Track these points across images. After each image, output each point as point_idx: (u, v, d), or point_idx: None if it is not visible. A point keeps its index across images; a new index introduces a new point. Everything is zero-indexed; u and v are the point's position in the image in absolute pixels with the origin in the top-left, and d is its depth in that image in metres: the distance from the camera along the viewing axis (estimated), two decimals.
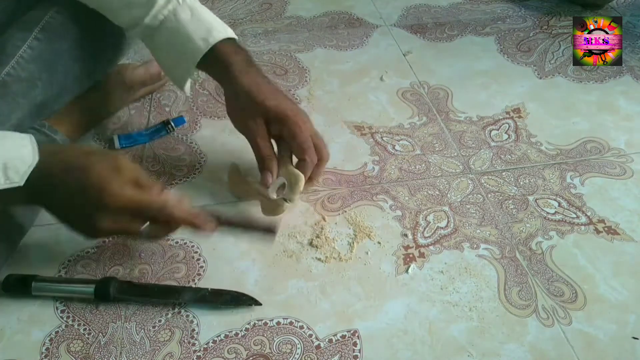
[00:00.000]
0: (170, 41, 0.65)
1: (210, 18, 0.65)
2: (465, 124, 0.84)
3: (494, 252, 0.65)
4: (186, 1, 0.64)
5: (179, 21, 0.64)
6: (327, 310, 0.59)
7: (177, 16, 0.64)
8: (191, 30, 0.63)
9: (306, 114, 0.66)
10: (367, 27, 1.07)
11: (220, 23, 0.65)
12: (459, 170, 0.76)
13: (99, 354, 0.55)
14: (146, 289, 0.60)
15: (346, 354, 0.55)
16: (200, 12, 0.65)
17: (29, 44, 0.65)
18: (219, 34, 0.64)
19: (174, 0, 0.64)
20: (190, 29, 0.63)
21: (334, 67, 0.96)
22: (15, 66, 0.64)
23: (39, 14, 0.67)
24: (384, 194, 0.72)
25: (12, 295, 0.60)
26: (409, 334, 0.57)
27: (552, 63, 0.97)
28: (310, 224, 0.68)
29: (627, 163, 0.77)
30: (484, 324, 0.58)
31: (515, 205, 0.71)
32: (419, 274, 0.63)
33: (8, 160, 0.50)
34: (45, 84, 0.67)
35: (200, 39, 0.63)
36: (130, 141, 0.80)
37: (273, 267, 0.63)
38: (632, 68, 0.96)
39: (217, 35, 0.64)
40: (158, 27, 0.64)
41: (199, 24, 0.64)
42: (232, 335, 0.57)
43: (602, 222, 0.69)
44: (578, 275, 0.62)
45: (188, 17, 0.63)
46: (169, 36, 0.65)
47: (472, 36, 1.04)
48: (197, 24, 0.64)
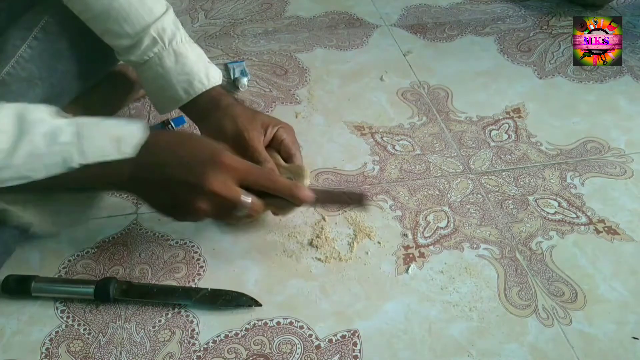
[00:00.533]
0: (154, 83, 0.67)
1: (192, 68, 0.66)
2: (465, 124, 0.84)
3: (494, 252, 0.65)
4: (172, 45, 0.65)
5: (163, 67, 0.65)
6: (327, 310, 0.59)
7: (161, 60, 0.65)
8: (174, 78, 0.65)
9: None
10: (367, 27, 1.07)
11: (204, 71, 0.66)
12: (459, 170, 0.76)
13: (99, 354, 0.55)
14: (146, 289, 0.60)
15: (346, 354, 0.55)
16: (186, 59, 0.66)
17: (28, 43, 0.65)
18: (200, 85, 0.66)
19: (159, 43, 0.65)
20: (173, 78, 0.65)
21: (334, 67, 0.96)
22: (15, 66, 0.64)
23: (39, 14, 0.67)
24: (384, 194, 0.72)
25: (12, 296, 0.60)
26: (409, 334, 0.57)
27: (552, 63, 0.97)
28: (310, 224, 0.68)
29: (627, 163, 0.77)
30: (484, 324, 0.58)
31: (515, 205, 0.71)
32: (419, 274, 0.63)
33: (121, 134, 0.53)
34: (45, 84, 0.67)
35: (182, 89, 0.66)
36: None
37: (273, 267, 0.63)
38: (632, 68, 0.96)
39: (198, 87, 0.66)
40: (143, 65, 0.66)
41: (182, 73, 0.65)
42: (232, 335, 0.57)
43: (602, 222, 0.69)
44: (578, 275, 0.62)
45: (172, 64, 0.65)
46: (154, 78, 0.67)
47: (472, 36, 1.04)
48: (180, 72, 0.65)
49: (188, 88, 0.66)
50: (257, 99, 0.88)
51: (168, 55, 0.65)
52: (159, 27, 0.65)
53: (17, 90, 0.64)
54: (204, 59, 0.68)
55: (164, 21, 0.65)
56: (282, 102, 0.88)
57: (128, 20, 0.64)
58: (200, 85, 0.66)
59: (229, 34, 1.04)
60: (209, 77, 0.67)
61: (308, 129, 0.82)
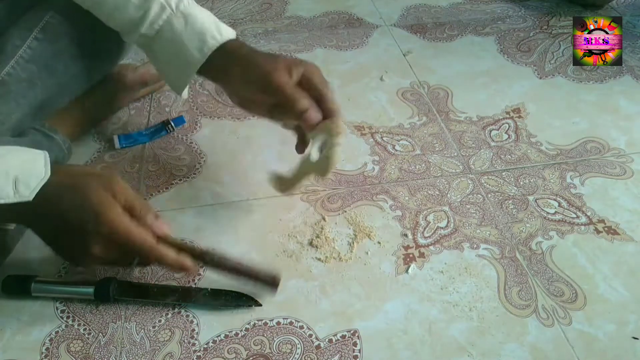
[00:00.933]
0: (167, 51, 0.64)
1: (203, 24, 0.63)
2: (465, 124, 0.84)
3: (494, 252, 0.65)
4: (180, 8, 0.63)
5: (174, 32, 0.62)
6: (327, 310, 0.59)
7: (172, 26, 0.62)
8: (186, 40, 0.62)
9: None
10: (367, 27, 1.07)
11: (215, 26, 0.63)
12: (459, 170, 0.76)
13: (99, 354, 0.55)
14: (146, 290, 0.60)
15: (346, 354, 0.55)
16: (195, 19, 0.63)
17: (28, 44, 0.65)
18: (213, 41, 0.62)
19: (167, 8, 0.62)
20: (185, 40, 0.62)
21: (334, 67, 0.95)
22: (15, 66, 0.64)
23: (39, 14, 0.67)
24: (384, 194, 0.72)
25: (12, 296, 0.60)
26: (409, 334, 0.57)
27: (552, 63, 0.97)
28: (310, 224, 0.68)
29: (627, 163, 0.77)
30: (484, 324, 0.58)
31: (515, 205, 0.71)
32: (419, 274, 0.63)
33: (20, 173, 0.50)
34: (45, 84, 0.67)
35: (196, 49, 0.62)
36: (130, 141, 0.80)
37: (273, 267, 0.63)
38: (632, 68, 0.96)
39: (212, 43, 0.62)
40: (154, 37, 0.64)
41: (193, 33, 0.62)
42: (232, 335, 0.57)
43: (602, 222, 0.69)
44: (578, 275, 0.62)
45: (182, 27, 0.62)
46: (166, 46, 0.64)
47: (472, 36, 1.04)
48: (191, 33, 0.62)
49: (202, 46, 0.62)
50: None
51: (177, 19, 0.62)
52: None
53: (17, 91, 0.64)
54: (213, 17, 0.65)
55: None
56: None
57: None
58: (214, 41, 0.62)
59: None
60: (221, 32, 0.63)
61: None
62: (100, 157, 0.78)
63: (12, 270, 0.61)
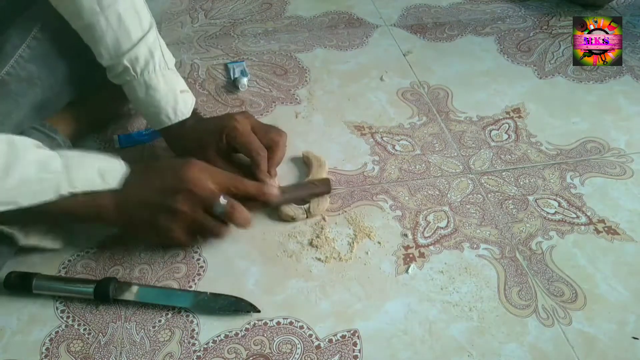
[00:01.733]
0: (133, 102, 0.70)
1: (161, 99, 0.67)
2: (465, 124, 0.84)
3: (494, 252, 0.65)
4: (144, 75, 0.66)
5: (134, 96, 0.68)
6: (327, 310, 0.59)
7: (133, 90, 0.68)
8: (144, 108, 0.69)
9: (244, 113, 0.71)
10: (367, 27, 1.07)
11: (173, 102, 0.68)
12: (459, 170, 0.76)
13: (99, 354, 0.55)
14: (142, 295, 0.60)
15: (346, 354, 0.55)
16: (155, 90, 0.67)
17: (28, 43, 0.65)
18: (167, 119, 0.69)
19: (131, 72, 0.66)
20: (142, 107, 0.69)
21: (334, 67, 0.96)
22: (14, 65, 0.64)
23: (38, 13, 0.67)
24: (384, 194, 0.72)
25: (13, 292, 0.60)
26: (409, 334, 0.57)
27: (552, 63, 0.97)
28: (310, 224, 0.68)
29: (627, 163, 0.77)
30: (484, 324, 0.58)
31: (515, 205, 0.71)
32: (419, 274, 0.63)
33: (105, 168, 0.57)
34: (45, 84, 0.67)
35: (152, 120, 0.70)
36: (130, 141, 0.80)
37: (273, 267, 0.63)
38: (632, 68, 0.96)
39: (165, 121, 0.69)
40: (121, 86, 0.69)
41: (151, 105, 0.68)
42: (232, 335, 0.57)
43: (602, 222, 0.69)
44: (578, 275, 0.62)
45: (142, 95, 0.68)
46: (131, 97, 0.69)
47: (472, 36, 1.04)
48: (149, 104, 0.68)
49: (154, 121, 0.69)
50: (257, 99, 0.88)
51: (139, 85, 0.67)
52: (132, 57, 0.65)
53: (17, 90, 0.64)
54: (176, 88, 0.69)
55: (138, 49, 0.65)
56: (282, 102, 0.88)
57: (103, 44, 0.65)
58: (167, 120, 0.69)
59: (229, 34, 1.04)
60: (176, 112, 0.68)
61: (308, 129, 0.82)
62: None
63: (12, 268, 0.61)
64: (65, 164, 0.54)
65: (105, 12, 0.63)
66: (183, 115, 0.69)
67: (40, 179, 0.52)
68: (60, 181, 0.54)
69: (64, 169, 0.54)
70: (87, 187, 0.55)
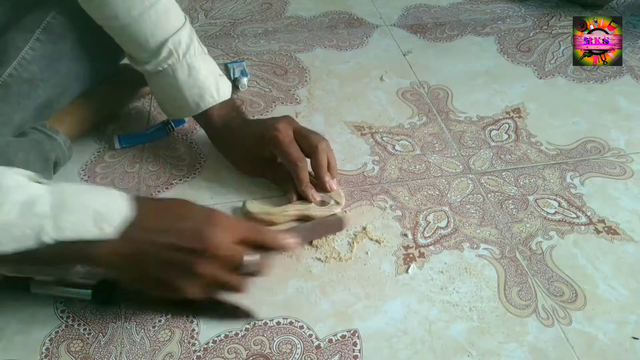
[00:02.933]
0: (166, 91, 0.70)
1: (204, 81, 0.69)
2: (465, 124, 0.84)
3: (494, 252, 0.65)
4: (186, 57, 0.68)
5: (176, 78, 0.68)
6: (327, 310, 0.59)
7: (175, 72, 0.68)
8: (186, 90, 0.68)
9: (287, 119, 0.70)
10: (367, 27, 1.07)
11: (215, 83, 0.69)
12: (459, 170, 0.76)
13: (99, 354, 0.55)
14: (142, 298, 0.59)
15: (346, 354, 0.55)
16: (198, 71, 0.68)
17: (30, 45, 0.65)
18: (211, 99, 0.69)
19: (174, 55, 0.67)
20: (185, 89, 0.68)
21: (334, 67, 0.96)
22: (17, 67, 0.64)
23: (40, 15, 0.67)
24: (384, 194, 0.72)
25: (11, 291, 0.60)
26: (409, 334, 0.57)
27: (552, 63, 0.97)
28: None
29: (627, 163, 0.77)
30: (484, 324, 0.58)
31: (515, 205, 0.71)
32: (419, 274, 0.63)
33: (104, 210, 0.48)
34: (47, 85, 0.67)
35: (193, 102, 0.69)
36: (130, 141, 0.80)
37: (273, 267, 0.63)
38: (632, 68, 0.96)
39: (209, 100, 0.69)
40: (156, 74, 0.69)
41: (195, 85, 0.68)
42: (232, 335, 0.57)
43: (602, 222, 0.69)
44: (578, 275, 0.62)
45: (185, 77, 0.68)
46: (166, 87, 0.69)
47: (472, 36, 1.04)
48: (192, 85, 0.68)
49: (199, 101, 0.69)
50: (257, 99, 0.88)
51: (181, 67, 0.68)
52: (175, 40, 0.67)
53: (19, 92, 0.64)
54: (216, 72, 0.71)
55: (181, 34, 0.68)
56: (282, 102, 0.88)
57: (155, 34, 0.67)
58: (211, 99, 0.69)
59: (229, 34, 1.04)
60: (219, 92, 0.70)
61: None
62: (100, 157, 0.78)
63: None
64: (54, 203, 0.46)
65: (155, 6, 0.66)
66: (225, 96, 0.70)
67: (23, 223, 0.45)
68: (44, 226, 0.45)
69: (53, 211, 0.46)
70: (76, 235, 0.46)
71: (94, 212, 0.47)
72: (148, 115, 0.85)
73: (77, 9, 0.67)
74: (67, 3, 0.67)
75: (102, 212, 0.47)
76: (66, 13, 0.68)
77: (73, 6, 0.67)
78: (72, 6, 0.67)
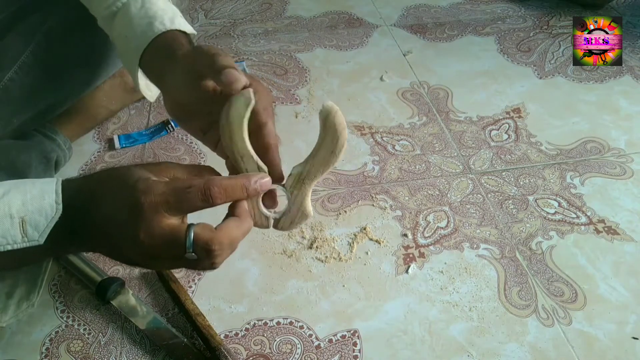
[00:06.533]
0: (122, 37, 0.56)
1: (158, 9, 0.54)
2: (465, 124, 0.84)
3: (494, 252, 0.65)
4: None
5: (128, 14, 0.55)
6: (327, 310, 0.59)
7: (127, 8, 0.55)
8: (136, 22, 0.54)
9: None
10: (367, 27, 1.07)
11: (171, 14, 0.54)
12: (459, 170, 0.76)
13: (99, 354, 0.55)
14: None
15: (346, 354, 0.55)
16: (152, 3, 0.55)
17: (31, 49, 0.65)
18: (161, 26, 0.53)
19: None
20: (135, 22, 0.54)
21: (334, 67, 0.96)
22: (17, 71, 0.64)
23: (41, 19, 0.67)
24: (384, 194, 0.72)
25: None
26: (408, 334, 0.57)
27: (552, 63, 0.97)
28: (310, 224, 0.68)
29: (627, 163, 0.77)
30: (484, 324, 0.58)
31: (515, 205, 0.71)
32: (419, 274, 0.63)
33: (26, 214, 0.41)
34: (47, 89, 0.67)
35: (142, 32, 0.53)
36: (130, 141, 0.80)
37: (273, 267, 0.63)
38: (632, 68, 0.96)
39: (159, 28, 0.53)
40: (113, 19, 0.57)
41: (145, 16, 0.54)
42: (232, 335, 0.57)
43: (602, 222, 0.69)
44: (578, 275, 0.62)
45: (136, 10, 0.54)
46: (121, 32, 0.56)
47: (472, 36, 1.04)
48: (143, 15, 0.54)
49: (147, 30, 0.53)
50: None
51: (135, 2, 0.55)
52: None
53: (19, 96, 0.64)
54: (176, 11, 0.56)
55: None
56: (282, 102, 0.88)
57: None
58: (161, 27, 0.52)
59: (229, 34, 1.04)
60: (173, 21, 0.53)
61: (308, 129, 0.82)
62: (100, 157, 0.78)
63: None
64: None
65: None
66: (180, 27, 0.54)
67: None
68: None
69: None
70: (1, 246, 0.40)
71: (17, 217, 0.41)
72: (148, 115, 0.85)
73: (77, 14, 0.67)
74: (68, 7, 0.67)
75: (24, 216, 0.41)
76: (66, 18, 0.68)
77: (73, 11, 0.67)
78: (72, 11, 0.67)
